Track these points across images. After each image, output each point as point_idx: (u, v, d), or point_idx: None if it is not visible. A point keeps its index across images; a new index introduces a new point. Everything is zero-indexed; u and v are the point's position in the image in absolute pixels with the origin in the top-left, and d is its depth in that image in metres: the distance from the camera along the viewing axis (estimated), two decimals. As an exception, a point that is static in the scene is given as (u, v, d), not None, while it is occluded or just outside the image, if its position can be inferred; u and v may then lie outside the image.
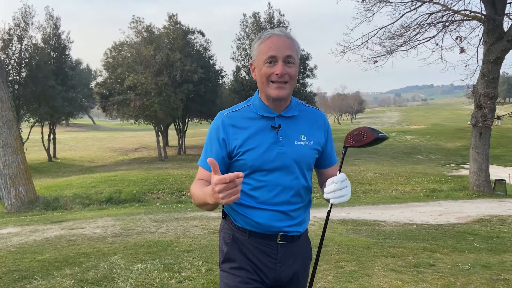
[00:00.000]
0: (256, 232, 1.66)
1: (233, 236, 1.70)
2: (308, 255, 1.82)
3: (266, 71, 1.58)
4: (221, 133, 1.64)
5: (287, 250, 1.69)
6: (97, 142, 41.58)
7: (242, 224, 1.68)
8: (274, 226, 1.64)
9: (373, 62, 16.37)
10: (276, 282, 1.70)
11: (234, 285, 1.64)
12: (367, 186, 18.24)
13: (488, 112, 13.84)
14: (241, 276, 1.64)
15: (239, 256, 1.67)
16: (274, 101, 1.63)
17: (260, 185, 1.62)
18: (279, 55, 1.56)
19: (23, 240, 5.95)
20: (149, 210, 10.24)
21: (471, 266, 4.66)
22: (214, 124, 1.69)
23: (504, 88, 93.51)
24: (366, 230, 7.12)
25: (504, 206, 11.22)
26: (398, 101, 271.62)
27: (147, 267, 4.35)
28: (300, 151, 1.64)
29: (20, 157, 13.34)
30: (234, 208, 1.69)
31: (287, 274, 1.70)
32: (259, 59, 1.61)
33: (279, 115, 1.65)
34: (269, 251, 1.66)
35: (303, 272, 1.79)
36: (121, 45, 29.69)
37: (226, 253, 1.69)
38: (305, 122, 1.70)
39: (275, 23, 31.76)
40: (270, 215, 1.63)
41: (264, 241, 1.66)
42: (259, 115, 1.65)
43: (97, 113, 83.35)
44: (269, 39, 1.59)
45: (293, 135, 1.65)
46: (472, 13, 14.47)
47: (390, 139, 38.21)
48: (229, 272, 1.67)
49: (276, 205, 1.63)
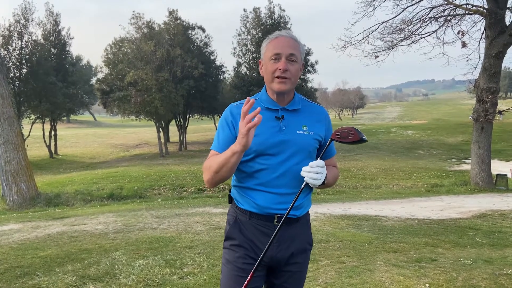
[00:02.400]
0: (256, 214, 1.81)
1: (236, 217, 1.87)
2: (308, 240, 1.94)
3: (271, 67, 1.77)
4: (230, 119, 1.82)
5: (284, 232, 1.82)
6: (98, 139, 41.62)
7: (244, 206, 1.84)
8: (271, 208, 1.79)
9: (374, 57, 16.31)
10: (273, 261, 1.83)
11: (233, 260, 1.82)
12: (368, 181, 18.23)
13: (489, 107, 13.79)
14: (240, 252, 1.82)
15: (239, 235, 1.84)
16: (277, 94, 1.81)
17: (262, 168, 1.78)
18: (283, 52, 1.75)
19: (25, 237, 5.96)
20: (150, 206, 10.25)
21: (473, 261, 4.66)
22: (224, 113, 1.87)
23: (506, 82, 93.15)
24: (368, 225, 7.12)
25: (506, 200, 11.20)
26: (399, 96, 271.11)
27: (149, 263, 4.35)
28: (301, 139, 1.80)
29: (21, 154, 13.35)
30: (239, 191, 1.87)
31: (284, 254, 1.83)
32: (266, 56, 1.80)
33: (283, 108, 1.83)
34: (267, 232, 1.80)
35: (302, 255, 1.90)
36: (122, 41, 29.61)
37: (228, 232, 1.89)
38: (307, 115, 1.87)
39: (275, 18, 31.66)
40: (269, 197, 1.78)
41: (263, 222, 1.81)
42: (265, 107, 1.82)
43: (98, 109, 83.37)
44: (276, 39, 1.79)
45: (296, 125, 1.82)
46: (474, 7, 14.38)
47: (391, 134, 38.22)
48: (229, 248, 1.86)
49: (275, 187, 1.78)
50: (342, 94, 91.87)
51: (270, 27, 30.83)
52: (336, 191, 15.16)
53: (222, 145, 1.79)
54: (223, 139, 1.81)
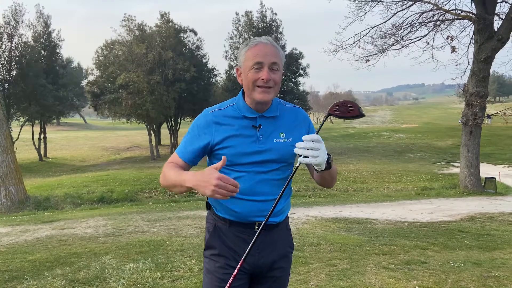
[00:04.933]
0: (235, 221, 1.78)
1: (215, 225, 1.83)
2: (289, 244, 1.91)
3: (253, 76, 1.68)
4: (203, 129, 1.75)
5: (265, 238, 1.79)
6: (88, 141, 41.28)
7: (223, 214, 1.81)
8: (251, 216, 1.75)
9: (365, 61, 16.43)
10: (256, 268, 1.81)
11: (214, 270, 1.79)
12: (359, 184, 18.32)
13: (478, 111, 13.95)
14: (220, 262, 1.78)
15: (219, 244, 1.80)
16: (258, 104, 1.74)
17: (239, 175, 1.72)
18: (265, 61, 1.67)
19: (14, 240, 5.89)
20: (141, 210, 10.19)
21: (462, 263, 4.70)
22: (198, 120, 1.80)
23: (494, 87, 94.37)
24: (358, 228, 7.15)
25: (494, 203, 11.33)
26: (390, 100, 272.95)
27: (139, 267, 4.33)
28: (278, 148, 1.75)
29: (10, 157, 13.20)
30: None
31: (266, 261, 1.81)
32: (245, 65, 1.71)
33: (261, 115, 1.76)
34: (248, 239, 1.74)
35: (284, 259, 1.88)
36: (113, 43, 29.49)
37: (208, 241, 1.85)
38: (285, 121, 1.81)
39: (267, 22, 31.78)
40: (248, 205, 1.74)
41: (243, 229, 1.78)
42: (242, 115, 1.76)
43: (88, 112, 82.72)
44: (256, 47, 1.70)
45: (273, 133, 1.76)
46: (463, 13, 14.58)
47: (382, 137, 38.48)
48: (210, 258, 1.82)
49: (253, 195, 1.74)
50: (334, 97, 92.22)
51: (262, 30, 30.96)
52: (327, 194, 15.22)
53: (185, 153, 1.76)
54: (188, 148, 1.76)
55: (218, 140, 1.72)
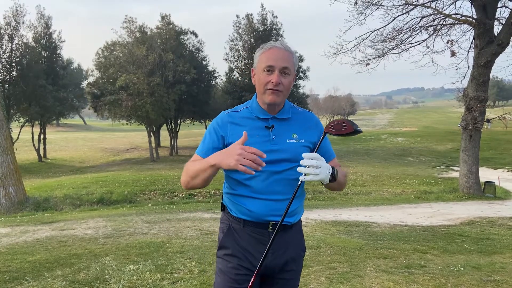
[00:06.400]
0: (250, 221, 1.80)
1: (230, 225, 1.86)
2: (301, 246, 1.95)
3: (264, 79, 1.76)
4: (220, 129, 1.82)
5: (279, 239, 1.80)
6: (88, 143, 41.29)
7: (237, 214, 1.84)
8: (266, 215, 1.78)
9: (365, 64, 16.44)
10: (267, 269, 1.81)
11: (226, 270, 1.81)
12: (358, 187, 18.32)
13: (478, 115, 13.96)
14: (233, 262, 1.81)
15: (233, 244, 1.83)
16: (269, 105, 1.81)
17: (254, 176, 1.73)
18: (276, 65, 1.74)
19: (14, 241, 5.89)
20: (141, 211, 10.19)
21: (462, 267, 4.71)
22: (215, 121, 1.87)
23: (494, 91, 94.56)
24: (358, 231, 7.16)
25: (494, 208, 11.35)
26: (390, 104, 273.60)
27: (139, 268, 4.33)
28: (291, 148, 1.80)
29: (10, 157, 13.20)
30: (231, 198, 1.86)
31: (278, 262, 1.83)
32: (259, 67, 1.80)
33: (273, 117, 1.83)
34: (262, 239, 1.79)
35: (296, 262, 1.90)
36: (113, 44, 29.54)
37: (221, 241, 1.87)
38: (297, 123, 1.87)
39: (268, 25, 31.84)
40: (262, 205, 1.77)
41: (257, 229, 1.80)
42: (256, 116, 1.83)
43: (88, 113, 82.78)
44: (270, 50, 1.78)
45: (286, 134, 1.82)
46: (463, 17, 14.62)
47: (382, 141, 38.50)
48: (222, 258, 1.85)
49: (268, 194, 1.77)
50: (333, 100, 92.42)
51: (262, 33, 31.03)
52: (327, 197, 15.22)
53: (206, 151, 1.80)
54: (208, 146, 1.82)
55: (233, 139, 1.76)
